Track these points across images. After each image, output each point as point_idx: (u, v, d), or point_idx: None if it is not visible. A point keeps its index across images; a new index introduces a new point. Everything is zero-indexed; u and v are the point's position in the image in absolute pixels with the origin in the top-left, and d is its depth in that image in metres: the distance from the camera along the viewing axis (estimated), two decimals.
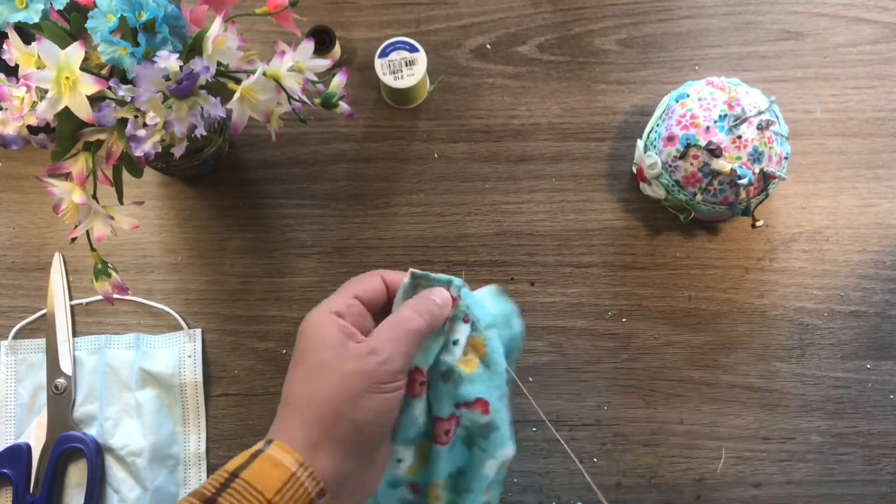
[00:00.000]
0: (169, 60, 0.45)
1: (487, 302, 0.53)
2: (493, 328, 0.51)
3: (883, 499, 0.61)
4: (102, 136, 0.48)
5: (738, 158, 0.58)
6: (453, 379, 0.48)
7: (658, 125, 0.62)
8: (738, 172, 0.57)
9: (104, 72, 0.47)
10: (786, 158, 0.60)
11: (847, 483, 0.61)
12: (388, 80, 0.64)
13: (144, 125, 0.46)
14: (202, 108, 0.47)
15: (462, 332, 0.49)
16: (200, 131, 0.47)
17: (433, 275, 0.49)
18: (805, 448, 0.62)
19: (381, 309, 0.49)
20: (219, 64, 0.49)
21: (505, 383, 0.52)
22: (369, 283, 0.49)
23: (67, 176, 0.48)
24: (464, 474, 0.53)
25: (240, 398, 0.64)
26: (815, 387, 0.63)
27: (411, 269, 0.49)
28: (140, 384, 0.63)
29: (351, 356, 0.44)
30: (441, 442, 0.50)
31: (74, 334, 0.65)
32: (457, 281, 0.50)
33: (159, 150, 0.47)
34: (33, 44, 0.44)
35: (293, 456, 0.41)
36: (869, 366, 0.63)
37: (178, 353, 0.64)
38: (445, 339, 0.48)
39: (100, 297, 0.62)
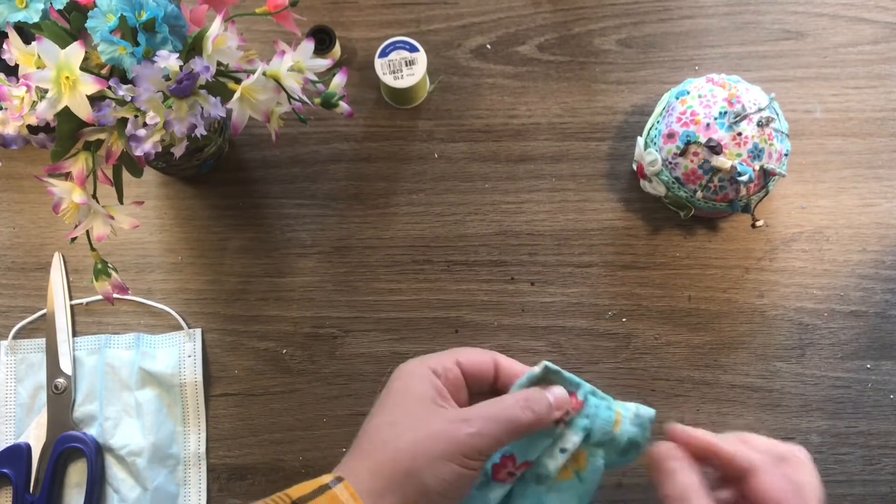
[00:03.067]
0: (169, 60, 0.45)
1: (625, 419, 0.48)
2: (602, 446, 0.47)
3: (883, 499, 0.61)
4: (102, 136, 0.48)
5: (739, 155, 0.58)
6: (546, 485, 0.46)
7: (658, 122, 0.62)
8: (739, 169, 0.57)
9: (104, 71, 0.47)
10: (786, 155, 0.60)
11: (847, 483, 0.61)
12: (388, 79, 0.64)
13: (144, 125, 0.46)
14: (202, 108, 0.47)
15: (572, 443, 0.46)
16: (200, 131, 0.47)
17: (566, 373, 0.46)
18: (805, 448, 0.62)
19: (480, 390, 0.47)
20: (219, 63, 0.49)
21: (590, 497, 0.48)
22: (478, 357, 0.47)
23: (67, 176, 0.48)
24: None
25: (240, 398, 0.64)
26: (815, 387, 0.63)
27: (545, 362, 0.46)
28: (140, 384, 0.63)
29: (443, 417, 0.42)
30: None
31: (74, 334, 0.65)
32: (586, 387, 0.47)
33: (159, 149, 0.47)
34: (33, 43, 0.44)
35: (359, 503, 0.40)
36: (869, 366, 0.63)
37: (178, 353, 0.64)
38: (553, 444, 0.46)
39: (100, 297, 0.62)
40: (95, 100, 0.45)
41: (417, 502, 0.40)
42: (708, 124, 0.58)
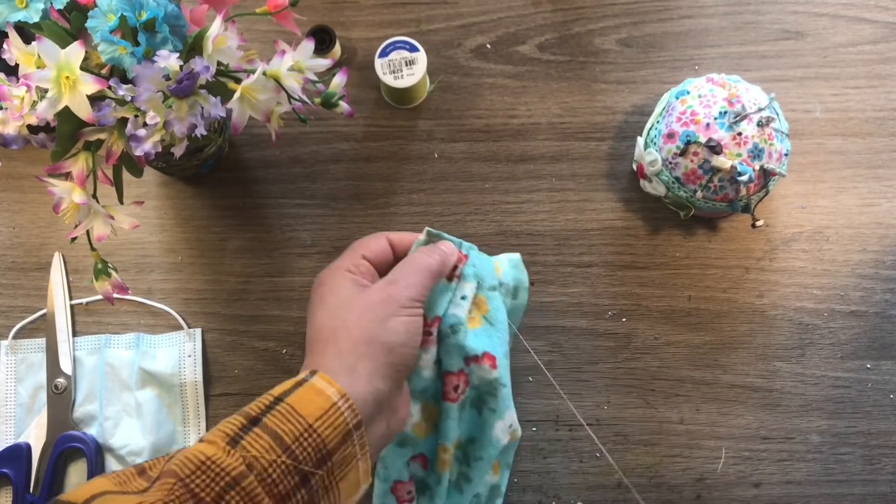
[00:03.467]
0: (169, 60, 0.45)
1: (504, 266, 0.57)
2: (495, 290, 0.54)
3: (883, 499, 0.61)
4: (102, 136, 0.48)
5: (739, 155, 0.58)
6: (461, 332, 0.51)
7: (658, 122, 0.62)
8: (739, 169, 0.57)
9: (104, 71, 0.47)
10: (786, 155, 0.60)
11: (847, 483, 0.61)
12: (388, 79, 0.64)
13: (144, 125, 0.46)
14: (202, 108, 0.47)
15: (469, 290, 0.52)
16: (200, 131, 0.47)
17: (446, 235, 0.53)
18: (805, 448, 0.62)
19: (386, 270, 0.52)
20: (219, 63, 0.49)
21: (507, 343, 0.54)
22: (376, 243, 0.52)
23: (67, 176, 0.48)
24: (474, 442, 0.55)
25: (240, 398, 0.64)
26: (815, 387, 0.63)
27: (427, 228, 0.53)
28: (140, 384, 0.63)
29: (372, 290, 0.48)
30: (451, 399, 0.52)
31: (74, 334, 0.65)
32: (466, 244, 0.54)
33: (159, 149, 0.47)
34: (33, 43, 0.44)
35: (335, 387, 0.43)
36: (869, 366, 0.63)
37: (178, 353, 0.64)
38: (453, 294, 0.51)
39: (100, 297, 0.62)
40: (95, 100, 0.45)
41: (387, 361, 0.46)
42: (708, 124, 0.58)
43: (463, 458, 0.55)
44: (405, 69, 0.64)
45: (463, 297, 0.52)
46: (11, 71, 0.46)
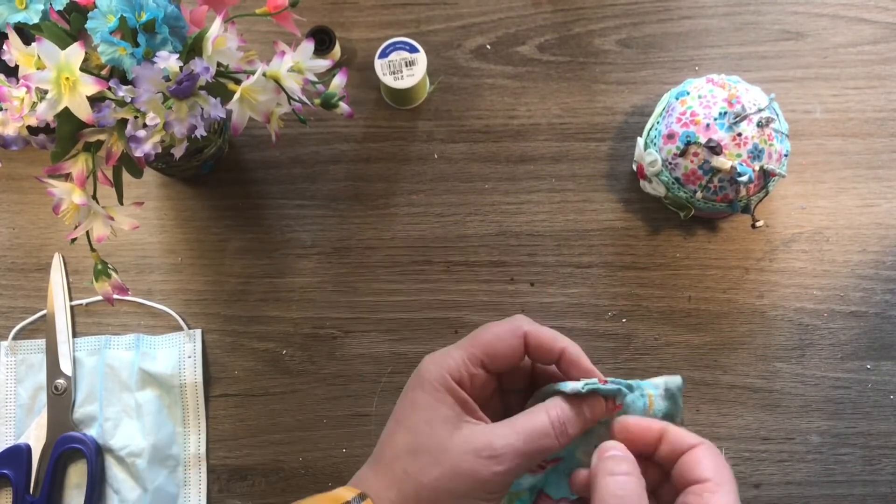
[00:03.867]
0: (169, 61, 0.45)
1: (657, 397, 0.46)
2: None
3: (883, 499, 0.61)
4: (102, 137, 0.48)
5: (738, 156, 0.58)
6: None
7: (658, 123, 0.62)
8: (738, 170, 0.57)
9: (104, 72, 0.47)
10: (786, 156, 0.60)
11: (847, 483, 0.61)
12: (388, 80, 0.64)
13: (144, 126, 0.46)
14: (202, 109, 0.47)
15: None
16: (200, 132, 0.47)
17: (605, 389, 0.43)
18: (805, 448, 0.62)
19: (508, 376, 0.45)
20: (219, 64, 0.49)
21: None
22: (506, 343, 0.43)
23: (67, 177, 0.48)
24: None
25: (240, 398, 0.64)
26: (815, 387, 0.63)
27: (588, 384, 0.42)
28: (140, 385, 0.63)
29: (469, 448, 0.40)
30: None
31: (74, 335, 0.65)
32: (624, 389, 0.45)
33: (159, 150, 0.47)
34: (33, 44, 0.44)
35: None
36: (869, 366, 0.63)
37: (178, 354, 0.64)
38: (588, 440, 0.44)
39: (100, 298, 0.62)
40: (95, 101, 0.45)
41: None
42: (708, 125, 0.58)
43: None
44: (405, 70, 0.64)
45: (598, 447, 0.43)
46: (11, 72, 0.46)
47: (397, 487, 0.40)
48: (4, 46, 0.46)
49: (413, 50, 0.64)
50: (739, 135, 0.57)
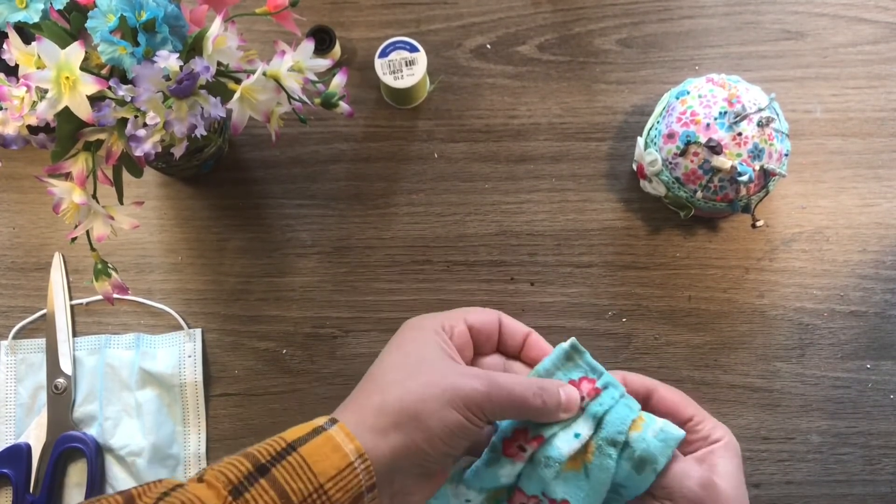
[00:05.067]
0: (169, 60, 0.45)
1: (650, 429, 0.46)
2: (615, 447, 0.46)
3: (883, 499, 0.61)
4: (102, 136, 0.48)
5: (739, 155, 0.58)
6: (553, 469, 0.46)
7: (658, 122, 0.62)
8: (739, 169, 0.57)
9: (104, 72, 0.47)
10: (786, 155, 0.60)
11: (847, 483, 0.61)
12: (388, 80, 0.64)
13: (144, 125, 0.46)
14: (202, 108, 0.47)
15: (585, 429, 0.46)
16: (200, 131, 0.47)
17: (590, 357, 0.47)
18: (805, 448, 0.62)
19: (485, 350, 0.48)
20: (219, 64, 0.49)
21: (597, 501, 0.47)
22: (485, 316, 0.48)
23: (67, 176, 0.48)
24: None
25: (240, 398, 0.64)
26: (815, 387, 0.63)
27: (573, 339, 0.47)
28: (140, 384, 0.63)
29: (454, 369, 0.43)
30: None
31: (74, 334, 0.65)
32: (608, 377, 0.47)
33: (159, 150, 0.47)
34: (33, 44, 0.44)
35: (355, 444, 0.40)
36: (869, 366, 0.63)
37: (178, 353, 0.64)
38: (567, 424, 0.46)
39: (100, 297, 0.62)
40: (95, 100, 0.45)
41: (419, 444, 0.41)
42: (708, 124, 0.58)
43: None
44: (405, 69, 0.64)
45: (576, 435, 0.46)
46: (11, 71, 0.46)
47: (381, 396, 0.42)
48: (4, 46, 0.46)
49: (413, 49, 0.64)
50: (739, 134, 0.57)
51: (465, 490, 0.48)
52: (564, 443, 0.46)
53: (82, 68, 0.44)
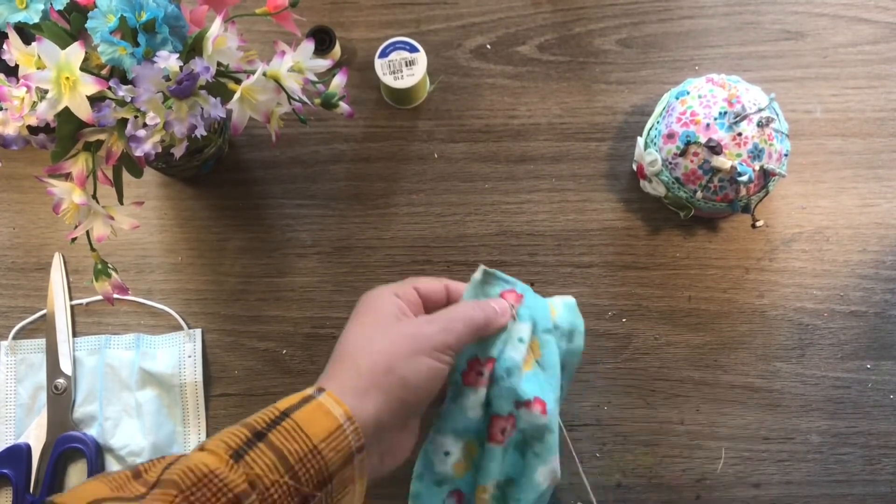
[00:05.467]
0: (169, 61, 0.45)
1: (557, 310, 0.54)
2: (550, 333, 0.52)
3: (883, 499, 0.61)
4: (102, 137, 0.48)
5: (739, 155, 0.58)
6: (516, 375, 0.50)
7: (658, 122, 0.62)
8: (739, 169, 0.57)
9: (104, 72, 0.47)
10: (786, 155, 0.60)
11: (847, 483, 0.61)
12: (388, 80, 0.64)
13: (144, 125, 0.46)
14: (202, 109, 0.47)
15: (525, 331, 0.51)
16: (200, 131, 0.47)
17: (501, 273, 0.52)
18: (805, 448, 0.62)
19: (434, 311, 0.51)
20: (219, 64, 0.49)
21: (558, 388, 0.52)
22: (432, 283, 0.52)
23: (67, 176, 0.48)
24: (514, 483, 0.53)
25: (240, 398, 0.64)
26: (815, 387, 0.63)
27: (483, 267, 0.52)
28: (140, 384, 0.63)
29: (410, 322, 0.48)
30: (496, 441, 0.51)
31: (74, 334, 0.65)
32: (521, 284, 0.52)
33: (159, 150, 0.47)
34: (33, 44, 0.44)
35: (343, 408, 0.42)
36: (869, 366, 0.63)
37: (178, 353, 0.64)
38: (509, 336, 0.50)
39: (100, 297, 0.62)
40: (95, 100, 0.45)
41: (399, 395, 0.45)
42: (708, 124, 0.58)
43: (501, 498, 0.53)
44: (405, 70, 0.64)
45: (520, 340, 0.51)
46: (11, 72, 0.46)
47: (353, 362, 0.45)
48: (5, 46, 0.46)
49: (413, 50, 0.64)
50: (739, 134, 0.57)
51: (442, 439, 0.51)
52: (514, 350, 0.50)
53: (82, 69, 0.44)
